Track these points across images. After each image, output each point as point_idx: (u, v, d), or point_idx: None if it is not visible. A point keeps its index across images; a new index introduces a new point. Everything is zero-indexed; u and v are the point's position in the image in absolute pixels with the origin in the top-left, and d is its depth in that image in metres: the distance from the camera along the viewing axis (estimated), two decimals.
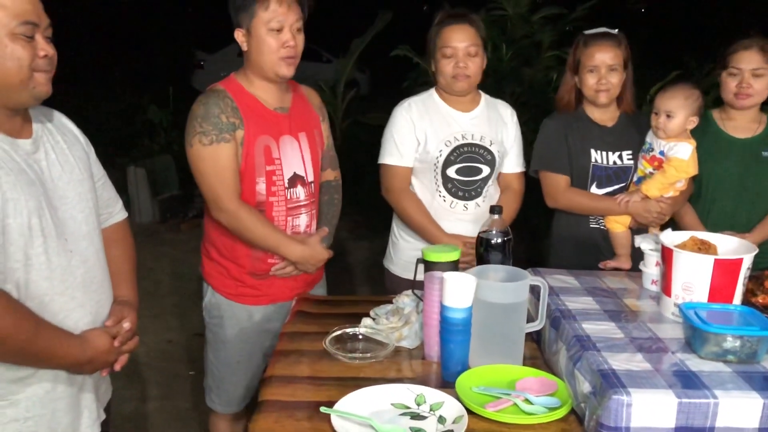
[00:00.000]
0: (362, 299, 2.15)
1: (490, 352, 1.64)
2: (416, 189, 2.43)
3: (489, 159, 2.39)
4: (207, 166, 2.01)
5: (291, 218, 2.12)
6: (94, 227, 1.58)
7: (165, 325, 4.04)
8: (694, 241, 1.75)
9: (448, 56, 2.30)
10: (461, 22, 2.31)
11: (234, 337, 2.20)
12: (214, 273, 2.21)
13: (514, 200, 2.47)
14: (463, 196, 2.39)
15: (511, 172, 2.51)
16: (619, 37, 2.40)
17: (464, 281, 1.57)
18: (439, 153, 2.35)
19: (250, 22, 2.00)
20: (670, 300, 1.70)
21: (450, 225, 2.39)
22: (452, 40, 2.28)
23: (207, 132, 1.99)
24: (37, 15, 1.37)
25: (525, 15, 6.35)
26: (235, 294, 2.18)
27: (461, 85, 2.33)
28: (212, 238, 2.20)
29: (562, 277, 2.00)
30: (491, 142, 2.40)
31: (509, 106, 2.53)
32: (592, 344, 1.53)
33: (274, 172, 2.07)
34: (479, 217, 2.32)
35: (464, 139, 2.37)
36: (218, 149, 1.99)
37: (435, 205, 2.40)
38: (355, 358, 1.68)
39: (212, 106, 2.00)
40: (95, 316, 1.55)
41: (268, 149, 2.05)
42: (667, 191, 2.38)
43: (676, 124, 2.30)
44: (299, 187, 2.13)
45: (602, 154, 2.46)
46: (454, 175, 2.37)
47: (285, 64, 2.02)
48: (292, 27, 2.01)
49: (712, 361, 1.46)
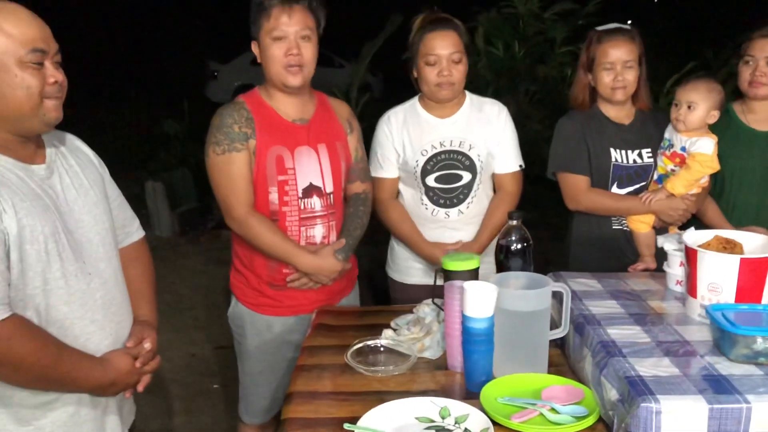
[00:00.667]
0: (383, 309, 2.14)
1: (514, 361, 1.61)
2: (404, 196, 2.45)
3: (468, 165, 2.35)
4: (220, 175, 2.05)
5: (305, 228, 2.12)
6: (112, 248, 1.58)
7: (188, 338, 4.05)
8: (719, 240, 1.71)
9: (432, 64, 2.25)
10: (445, 28, 2.25)
11: (255, 348, 2.21)
12: (237, 283, 2.24)
13: (506, 202, 2.40)
14: (445, 203, 2.37)
15: (504, 173, 2.44)
16: (632, 32, 2.35)
17: (485, 290, 1.55)
18: (416, 163, 2.34)
19: (258, 33, 2.04)
20: (696, 301, 1.67)
21: (434, 233, 2.39)
22: (435, 48, 2.23)
23: (220, 142, 2.03)
24: (45, 42, 1.37)
25: (537, 12, 6.33)
26: (255, 304, 2.19)
27: (445, 93, 2.29)
28: (235, 248, 2.23)
29: (585, 280, 1.97)
30: (470, 146, 2.35)
31: (498, 104, 2.45)
32: (618, 350, 1.50)
33: (286, 182, 2.07)
34: (464, 225, 2.37)
35: (442, 146, 2.34)
36: (230, 158, 2.02)
37: (419, 213, 2.40)
38: (377, 372, 1.67)
39: (226, 116, 2.05)
40: (116, 337, 1.55)
41: (281, 159, 2.06)
42: (692, 188, 2.33)
43: (697, 116, 2.26)
44: (315, 197, 2.12)
45: (622, 153, 2.42)
46: (433, 184, 2.36)
47: (290, 73, 2.03)
48: (296, 35, 2.01)
49: (743, 364, 1.42)
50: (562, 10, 6.34)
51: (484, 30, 6.32)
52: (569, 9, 6.37)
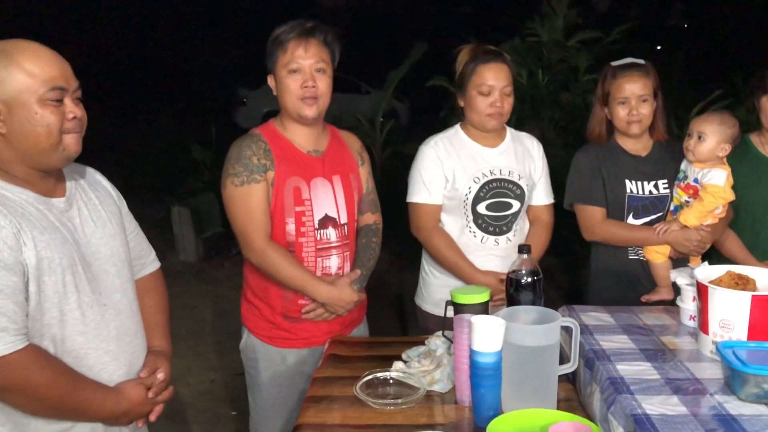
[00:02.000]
0: (395, 340, 2.14)
1: (522, 396, 1.60)
2: (445, 225, 2.42)
3: (518, 193, 2.37)
4: (238, 207, 2.07)
5: (321, 259, 2.13)
6: (127, 279, 1.62)
7: (208, 364, 4.09)
8: (731, 276, 1.70)
9: (485, 94, 2.28)
10: (499, 61, 2.29)
11: (268, 380, 2.21)
12: (249, 315, 2.25)
13: (544, 233, 2.45)
14: (494, 231, 2.37)
15: (540, 204, 2.47)
16: (647, 67, 2.37)
17: (493, 325, 1.55)
18: (468, 190, 2.34)
19: (274, 66, 2.08)
20: (707, 338, 1.65)
21: (481, 261, 2.37)
22: (490, 79, 2.27)
23: (239, 173, 2.06)
24: (65, 80, 1.43)
25: (560, 40, 6.35)
26: (268, 336, 2.20)
27: (495, 123, 2.33)
28: (248, 279, 2.24)
29: (597, 314, 1.96)
30: (520, 176, 2.38)
31: (534, 139, 2.51)
32: (626, 387, 1.50)
33: (303, 213, 2.10)
34: (511, 252, 2.31)
35: (492, 174, 2.36)
36: (249, 190, 2.05)
37: (464, 241, 2.38)
38: (386, 405, 1.67)
39: (245, 148, 2.08)
40: (129, 367, 1.59)
41: (298, 190, 2.09)
42: (706, 219, 2.32)
43: (707, 147, 2.26)
44: (330, 228, 2.14)
45: (637, 185, 2.42)
46: (484, 211, 2.36)
47: (306, 105, 2.06)
48: (312, 68, 2.05)
49: (753, 404, 1.41)
50: (585, 38, 6.36)
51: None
52: (593, 37, 6.38)
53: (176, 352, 4.27)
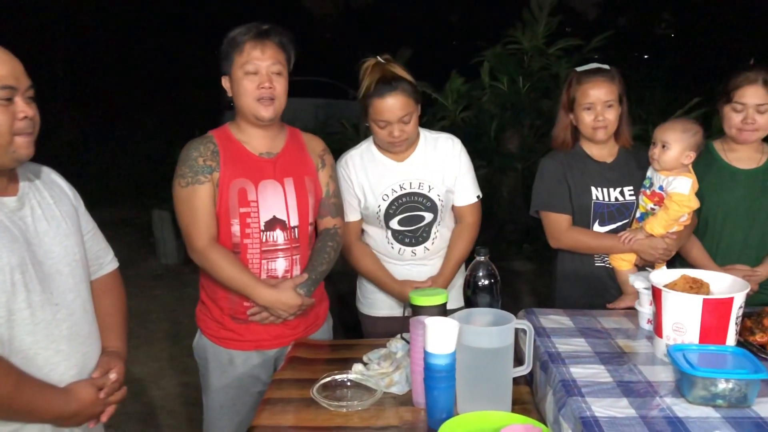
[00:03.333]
0: (358, 343, 2.14)
1: (477, 398, 1.61)
2: (369, 234, 2.47)
3: (429, 206, 2.38)
4: (183, 207, 2.09)
5: (266, 261, 2.12)
6: (81, 279, 1.61)
7: (182, 367, 4.06)
8: (686, 280, 1.71)
9: (382, 128, 2.27)
10: (393, 92, 2.22)
11: (216, 381, 2.20)
12: (201, 315, 2.26)
13: (467, 233, 2.45)
14: (410, 242, 2.40)
15: (463, 205, 2.46)
16: (612, 72, 2.38)
17: (446, 326, 1.56)
18: (378, 207, 2.36)
19: (230, 67, 2.08)
20: (661, 341, 1.66)
21: (403, 269, 2.43)
22: (384, 112, 2.23)
23: (184, 175, 2.07)
24: (15, 78, 1.42)
25: (542, 48, 6.37)
26: (217, 337, 2.19)
27: (398, 148, 2.33)
28: (201, 280, 2.25)
29: (557, 317, 1.97)
30: (430, 187, 2.37)
31: (451, 138, 2.46)
32: (578, 389, 1.50)
33: (248, 215, 2.10)
34: (431, 258, 2.41)
35: (402, 189, 2.36)
36: (193, 190, 2.06)
37: (386, 251, 2.43)
38: (341, 407, 1.67)
39: (192, 150, 2.09)
40: (81, 368, 1.58)
41: (243, 192, 2.09)
42: (672, 227, 2.33)
43: (671, 156, 2.27)
44: (278, 230, 2.13)
45: (603, 191, 2.43)
46: (397, 226, 2.38)
47: (262, 106, 2.07)
48: (268, 69, 2.05)
49: (701, 406, 1.42)
50: (566, 45, 6.39)
51: (490, 65, 6.39)
52: (574, 45, 6.41)
53: (151, 356, 4.28)
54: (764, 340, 1.71)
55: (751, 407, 1.41)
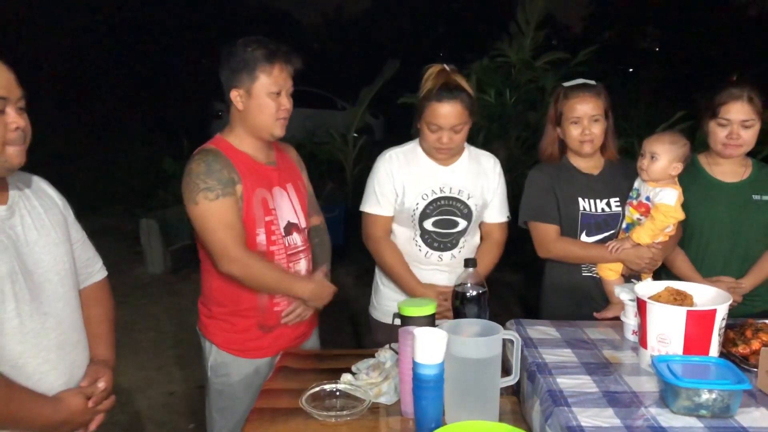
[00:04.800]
0: (347, 353, 2.15)
1: (465, 408, 1.62)
2: (396, 234, 2.48)
3: (465, 213, 2.42)
4: (215, 221, 2.04)
5: (292, 264, 2.20)
6: (70, 288, 1.62)
7: (168, 377, 4.05)
8: (670, 292, 1.74)
9: (434, 132, 2.31)
10: (452, 100, 2.27)
11: (242, 392, 2.19)
12: (217, 331, 2.21)
13: (494, 250, 2.49)
14: (439, 247, 2.43)
15: (493, 222, 2.52)
16: (598, 88, 2.42)
17: (434, 337, 1.57)
18: (416, 205, 2.39)
19: (251, 84, 2.07)
20: (646, 352, 1.68)
21: (426, 274, 2.43)
22: (439, 117, 2.27)
23: (212, 187, 2.04)
24: (7, 89, 1.42)
25: (528, 61, 6.43)
26: (242, 349, 2.19)
27: (443, 157, 2.39)
28: (214, 295, 2.21)
29: (544, 328, 1.99)
30: (469, 195, 2.42)
31: (492, 157, 2.54)
32: (564, 399, 1.52)
33: (272, 222, 2.15)
34: (456, 267, 2.36)
35: (442, 192, 2.40)
36: (225, 203, 2.04)
37: (412, 253, 2.45)
38: (329, 417, 1.68)
39: (212, 162, 2.06)
40: (70, 377, 1.58)
41: (265, 201, 2.14)
42: (658, 237, 2.36)
43: (660, 167, 2.31)
44: (295, 234, 2.22)
45: (590, 202, 2.46)
46: (430, 228, 2.41)
47: (280, 125, 2.13)
48: (288, 92, 2.13)
49: (685, 416, 1.44)
50: (553, 59, 6.46)
51: (477, 77, 6.44)
52: (560, 58, 6.48)
53: (137, 365, 4.26)
54: (746, 351, 1.74)
55: (733, 417, 1.43)
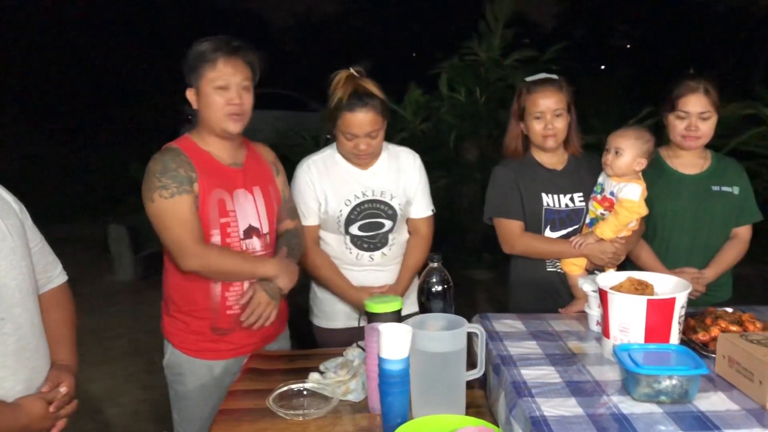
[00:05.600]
0: (316, 353, 2.15)
1: (431, 402, 1.63)
2: (326, 240, 2.48)
3: (390, 213, 2.43)
4: (170, 218, 2.05)
5: None
6: (29, 293, 1.59)
7: (139, 384, 4.00)
8: (631, 282, 1.76)
9: (349, 140, 2.31)
10: (364, 109, 2.26)
11: (196, 394, 2.19)
12: (175, 330, 2.23)
13: (422, 244, 2.51)
14: (369, 247, 2.44)
15: (419, 217, 2.53)
16: (560, 82, 2.44)
17: (399, 332, 1.57)
18: (340, 212, 2.39)
19: (198, 81, 2.08)
20: (609, 341, 1.71)
21: (360, 275, 2.46)
22: (353, 126, 2.27)
23: (167, 186, 2.04)
24: None
25: (498, 59, 6.47)
26: (195, 350, 2.18)
27: (362, 161, 2.39)
28: (171, 294, 2.23)
29: (510, 321, 2.01)
30: (392, 196, 2.43)
31: (412, 153, 2.53)
32: (528, 390, 1.53)
33: (228, 224, 2.12)
34: (387, 265, 2.46)
35: (364, 195, 2.40)
36: (180, 200, 2.03)
37: (342, 256, 2.46)
38: (297, 415, 1.68)
39: (169, 161, 2.06)
40: (29, 382, 1.56)
41: (222, 202, 2.11)
42: (621, 232, 2.39)
43: (624, 162, 2.33)
44: (255, 238, 2.17)
45: (554, 198, 2.48)
46: (357, 232, 2.42)
47: (231, 121, 2.09)
48: (238, 86, 2.08)
49: (646, 403, 1.46)
50: (522, 56, 6.51)
51: (447, 76, 6.48)
52: (529, 56, 6.54)
53: (108, 373, 4.21)
54: (706, 338, 1.77)
55: (692, 402, 1.46)
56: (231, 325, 2.16)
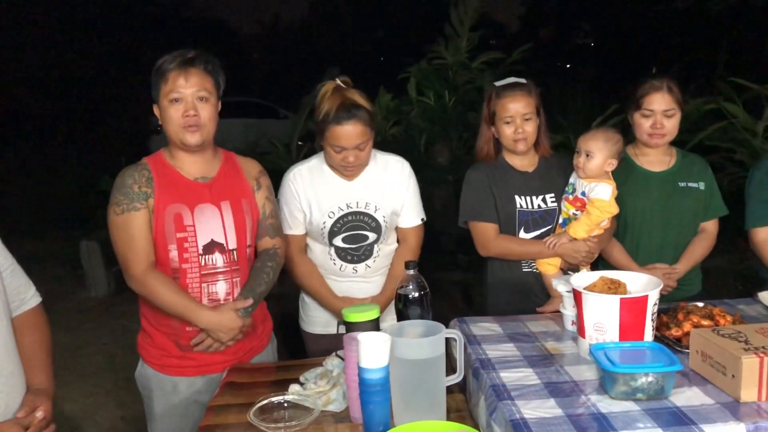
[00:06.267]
0: (295, 364, 2.13)
1: (412, 409, 1.63)
2: (312, 249, 2.49)
3: (374, 226, 2.42)
4: (118, 235, 2.08)
5: (206, 285, 2.11)
6: (1, 317, 1.57)
7: (117, 401, 3.95)
8: (604, 281, 1.79)
9: (338, 153, 2.30)
10: (352, 121, 2.24)
11: (162, 410, 2.18)
12: (143, 343, 2.23)
13: (408, 255, 2.48)
14: (352, 259, 2.44)
15: (408, 227, 2.52)
16: (529, 86, 2.47)
17: (378, 341, 1.58)
18: (323, 224, 2.38)
19: (158, 96, 2.08)
20: (585, 341, 1.73)
21: (343, 286, 2.46)
22: (341, 139, 2.26)
23: (120, 202, 2.06)
24: None
25: (465, 62, 6.53)
26: (160, 365, 2.17)
27: (350, 172, 2.37)
28: (141, 308, 2.23)
29: (487, 324, 2.03)
30: (377, 208, 2.42)
31: (401, 160, 2.52)
32: (507, 393, 1.55)
33: (186, 239, 2.09)
34: (371, 277, 2.46)
35: (349, 207, 2.39)
36: (129, 217, 2.05)
37: (328, 267, 2.46)
38: (279, 429, 1.67)
39: (127, 177, 2.09)
40: (5, 408, 1.53)
41: (179, 217, 2.09)
42: (593, 231, 2.43)
43: (595, 164, 2.37)
44: (217, 254, 2.13)
45: (526, 199, 2.51)
46: (341, 244, 2.41)
47: (188, 132, 2.07)
48: (193, 96, 2.06)
49: (623, 401, 1.48)
50: (489, 59, 6.57)
51: (416, 80, 6.51)
52: (496, 58, 6.60)
53: (85, 391, 4.15)
54: (679, 333, 1.80)
55: (668, 398, 1.48)
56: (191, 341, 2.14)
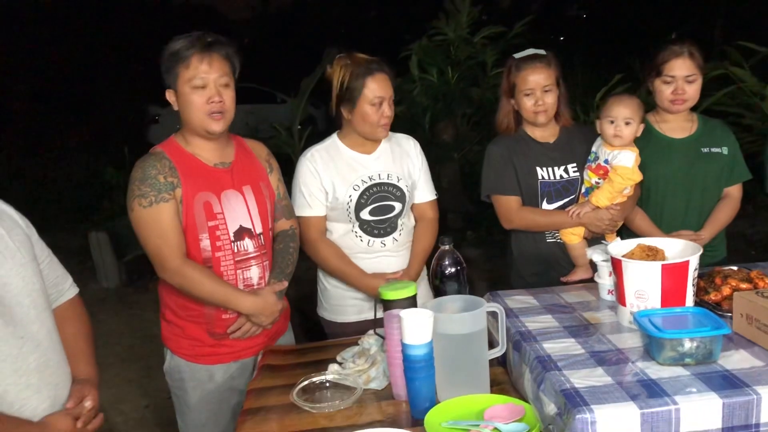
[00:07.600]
0: (328, 344, 2.14)
1: (456, 384, 1.64)
2: (333, 232, 2.43)
3: (399, 195, 2.40)
4: (149, 228, 2.01)
5: (241, 271, 2.10)
6: (44, 309, 1.56)
7: (140, 390, 3.97)
8: (642, 249, 1.78)
9: (377, 107, 2.28)
10: (383, 71, 2.28)
11: (197, 399, 2.16)
12: (171, 335, 2.19)
13: (430, 228, 2.49)
14: (379, 233, 2.40)
15: (423, 202, 2.52)
16: (548, 57, 2.45)
17: (421, 317, 1.58)
18: (349, 198, 2.35)
19: (175, 81, 2.02)
20: (625, 309, 1.73)
21: (372, 263, 2.41)
22: (378, 90, 2.26)
23: (146, 194, 1.99)
24: None
25: (466, 37, 6.47)
26: (192, 355, 2.14)
27: (385, 133, 2.37)
28: (166, 300, 2.18)
29: (521, 297, 2.02)
30: (398, 178, 2.41)
31: (411, 138, 2.54)
32: (554, 364, 1.55)
33: (217, 227, 2.06)
34: (399, 251, 2.43)
35: (372, 179, 2.38)
36: (159, 209, 1.99)
37: (351, 245, 2.40)
38: (323, 408, 1.67)
39: (149, 168, 2.02)
40: (54, 399, 1.53)
41: (209, 205, 2.05)
42: (616, 199, 2.42)
43: (633, 131, 2.36)
44: (247, 239, 2.11)
45: (548, 170, 2.50)
46: (368, 217, 2.38)
47: (213, 120, 2.03)
48: (217, 83, 2.02)
49: (672, 366, 1.48)
50: (490, 33, 6.52)
51: (418, 58, 6.46)
52: (497, 32, 6.55)
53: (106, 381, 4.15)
54: (718, 298, 1.80)
55: (717, 362, 1.48)
56: (227, 330, 2.12)
